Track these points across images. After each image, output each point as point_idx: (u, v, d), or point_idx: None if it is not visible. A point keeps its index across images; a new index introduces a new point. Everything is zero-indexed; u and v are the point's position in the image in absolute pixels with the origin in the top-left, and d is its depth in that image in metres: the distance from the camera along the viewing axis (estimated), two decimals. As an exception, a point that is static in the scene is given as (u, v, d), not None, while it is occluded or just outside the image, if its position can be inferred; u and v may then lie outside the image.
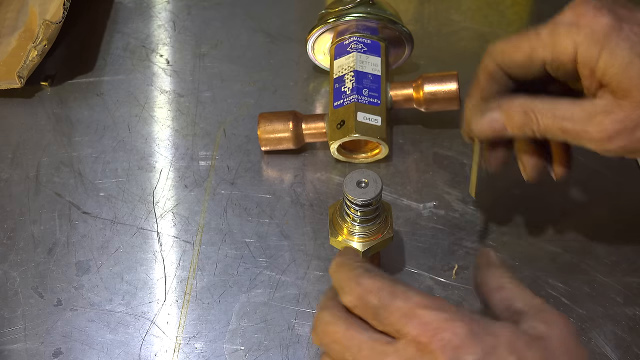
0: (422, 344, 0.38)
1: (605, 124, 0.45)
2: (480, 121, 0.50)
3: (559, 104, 0.47)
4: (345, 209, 0.53)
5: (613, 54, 0.44)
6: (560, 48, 0.46)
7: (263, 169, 0.68)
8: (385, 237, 0.53)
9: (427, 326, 0.38)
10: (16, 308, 0.58)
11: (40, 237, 0.63)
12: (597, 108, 0.46)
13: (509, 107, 0.49)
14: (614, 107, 0.45)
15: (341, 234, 0.53)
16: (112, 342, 0.56)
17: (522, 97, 0.49)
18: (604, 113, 0.45)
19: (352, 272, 0.42)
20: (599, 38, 0.44)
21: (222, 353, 0.56)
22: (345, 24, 0.69)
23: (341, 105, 0.65)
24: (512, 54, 0.48)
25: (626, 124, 0.45)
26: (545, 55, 0.47)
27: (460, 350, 0.37)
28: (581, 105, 0.46)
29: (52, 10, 0.75)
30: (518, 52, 0.48)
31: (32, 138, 0.71)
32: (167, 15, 0.83)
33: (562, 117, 0.47)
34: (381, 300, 0.40)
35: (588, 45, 0.45)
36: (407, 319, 0.39)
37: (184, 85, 0.76)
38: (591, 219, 0.63)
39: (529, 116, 0.48)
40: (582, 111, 0.46)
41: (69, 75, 0.76)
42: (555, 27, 0.46)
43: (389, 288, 0.40)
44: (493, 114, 0.49)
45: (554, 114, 0.47)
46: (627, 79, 0.44)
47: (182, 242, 0.63)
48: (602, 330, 0.56)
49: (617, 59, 0.44)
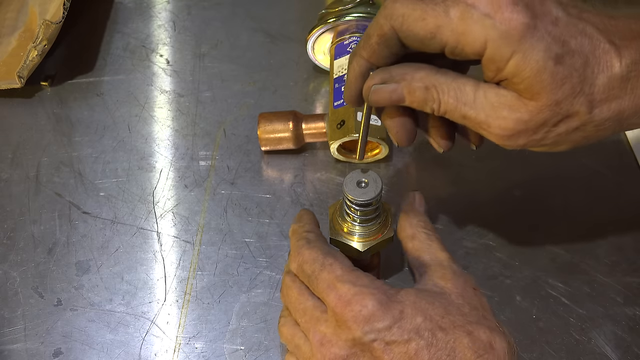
0: (338, 315, 0.44)
1: (509, 122, 0.43)
2: (378, 90, 0.46)
3: (464, 84, 0.44)
4: (345, 209, 0.53)
5: (526, 57, 0.41)
6: (469, 39, 0.42)
7: (263, 169, 0.68)
8: (385, 237, 0.53)
9: (341, 299, 0.44)
10: (16, 308, 0.58)
11: (40, 237, 0.63)
12: (502, 101, 0.43)
13: (412, 79, 0.45)
14: (520, 105, 0.43)
15: (341, 234, 0.53)
16: (112, 342, 0.56)
17: (426, 69, 0.45)
18: (509, 109, 0.43)
19: (297, 242, 0.50)
20: (513, 39, 0.41)
21: (222, 353, 0.56)
22: (345, 24, 0.69)
23: (341, 105, 0.65)
24: (414, 25, 0.43)
25: (530, 125, 0.43)
26: (450, 39, 0.42)
27: (371, 320, 0.43)
28: (485, 93, 0.43)
29: (52, 10, 0.75)
30: (421, 26, 0.43)
31: (32, 138, 0.71)
32: (167, 15, 0.83)
33: (464, 102, 0.44)
34: (313, 270, 0.47)
35: (500, 44, 0.41)
36: (329, 290, 0.45)
37: (184, 85, 0.76)
38: (591, 219, 0.63)
39: (431, 93, 0.45)
40: (486, 101, 0.43)
41: (69, 75, 0.76)
42: (467, 13, 0.41)
43: (321, 259, 0.47)
44: (393, 85, 0.45)
45: (457, 97, 0.44)
46: (539, 82, 0.42)
47: (182, 242, 0.63)
48: (602, 330, 0.56)
49: (529, 63, 0.41)
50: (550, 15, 0.41)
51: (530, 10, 0.41)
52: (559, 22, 0.41)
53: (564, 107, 0.42)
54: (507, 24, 0.41)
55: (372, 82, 0.47)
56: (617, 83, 0.42)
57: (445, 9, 0.42)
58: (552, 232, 0.62)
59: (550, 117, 0.43)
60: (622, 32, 0.42)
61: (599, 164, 0.66)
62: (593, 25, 0.42)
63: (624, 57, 0.42)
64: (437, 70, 0.45)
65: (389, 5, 0.44)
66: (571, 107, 0.42)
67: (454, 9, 0.42)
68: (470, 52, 0.42)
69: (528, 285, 0.59)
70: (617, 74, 0.42)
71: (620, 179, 0.66)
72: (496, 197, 0.64)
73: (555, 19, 0.41)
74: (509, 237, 0.62)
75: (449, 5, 0.42)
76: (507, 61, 0.42)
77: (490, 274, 0.60)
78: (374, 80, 0.46)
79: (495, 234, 0.62)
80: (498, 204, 0.64)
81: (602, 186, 0.65)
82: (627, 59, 0.42)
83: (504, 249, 0.61)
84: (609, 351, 0.55)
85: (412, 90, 0.45)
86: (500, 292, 0.58)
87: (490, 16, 0.41)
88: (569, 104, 0.42)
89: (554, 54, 0.41)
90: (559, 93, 0.42)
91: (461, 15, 0.41)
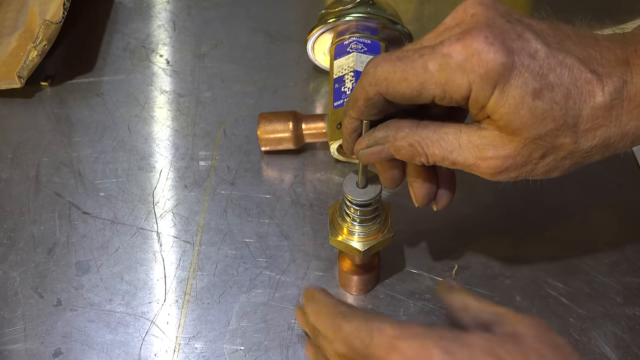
0: None
1: (496, 161, 0.44)
2: (367, 153, 0.48)
3: (446, 134, 0.45)
4: (345, 209, 0.53)
5: (503, 93, 0.41)
6: (454, 87, 0.42)
7: (263, 169, 0.68)
8: (386, 237, 0.53)
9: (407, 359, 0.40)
10: (16, 308, 0.58)
11: (40, 237, 0.63)
12: (485, 142, 0.44)
13: (395, 139, 0.46)
14: (503, 143, 0.43)
15: (341, 234, 0.53)
16: (112, 342, 0.56)
17: (407, 127, 0.46)
18: (493, 149, 0.43)
19: (333, 322, 0.45)
20: (493, 79, 0.41)
21: (222, 353, 0.56)
22: (345, 24, 0.69)
23: (341, 105, 0.65)
24: (398, 86, 0.43)
25: (517, 160, 0.43)
26: (436, 91, 0.43)
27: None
28: (469, 137, 0.44)
29: (52, 10, 0.75)
30: (405, 86, 0.43)
31: (32, 138, 0.71)
32: (167, 15, 0.83)
33: (451, 150, 0.45)
34: (363, 341, 0.43)
35: (481, 85, 0.41)
36: (391, 352, 0.41)
37: (184, 85, 0.76)
38: (591, 219, 0.63)
39: (416, 149, 0.45)
40: (469, 144, 0.44)
41: (69, 75, 0.76)
42: (445, 63, 0.42)
43: (365, 326, 0.43)
44: (380, 147, 0.47)
45: (441, 146, 0.45)
46: (517, 118, 0.42)
47: (182, 242, 0.63)
48: (602, 330, 0.56)
49: (507, 99, 0.41)
50: (529, 48, 0.41)
51: (506, 47, 0.41)
52: (537, 55, 0.41)
53: (548, 140, 0.42)
54: (485, 66, 0.41)
55: (359, 147, 0.48)
56: (602, 112, 0.42)
57: (424, 64, 0.42)
58: (552, 232, 0.62)
59: (534, 151, 0.43)
60: (605, 58, 0.42)
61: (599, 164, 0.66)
62: (573, 54, 0.42)
63: (606, 85, 0.41)
64: (417, 125, 0.45)
65: (370, 72, 0.44)
66: (556, 140, 0.42)
67: (432, 62, 0.42)
68: (459, 98, 0.43)
69: (528, 285, 0.59)
70: (600, 103, 0.41)
71: (620, 179, 0.66)
72: (496, 197, 0.64)
73: (534, 52, 0.41)
74: (509, 237, 0.62)
75: (427, 60, 0.42)
76: (488, 99, 0.42)
77: (490, 274, 0.60)
78: (360, 146, 0.48)
79: (495, 234, 0.62)
80: (498, 204, 0.64)
81: (601, 186, 0.65)
82: (609, 87, 0.41)
83: (504, 249, 0.61)
84: (609, 351, 0.55)
85: (398, 149, 0.46)
86: (500, 292, 0.58)
87: (468, 61, 0.41)
88: (552, 136, 0.42)
89: (531, 89, 0.41)
90: (539, 128, 0.42)
91: (440, 67, 0.42)
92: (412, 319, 0.56)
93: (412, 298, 0.58)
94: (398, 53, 0.44)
